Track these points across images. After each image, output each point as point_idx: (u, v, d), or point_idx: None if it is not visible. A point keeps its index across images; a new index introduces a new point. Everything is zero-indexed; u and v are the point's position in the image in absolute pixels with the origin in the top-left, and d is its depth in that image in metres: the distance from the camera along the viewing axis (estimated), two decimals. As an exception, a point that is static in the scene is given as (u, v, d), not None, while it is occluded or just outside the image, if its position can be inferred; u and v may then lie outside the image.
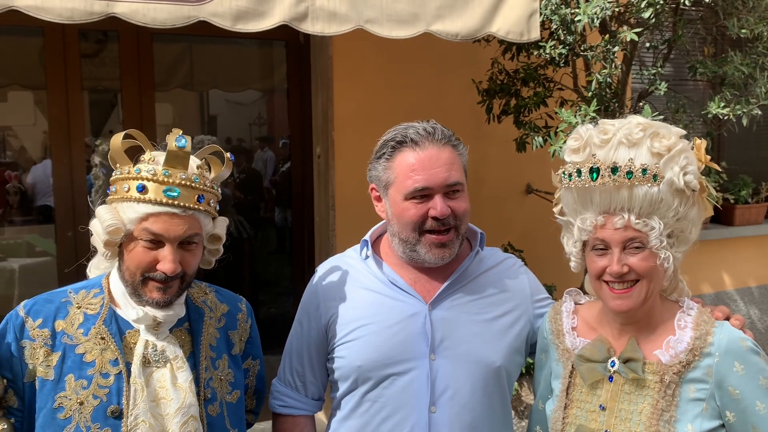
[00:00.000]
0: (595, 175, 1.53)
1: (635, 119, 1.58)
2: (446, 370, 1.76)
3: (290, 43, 4.52)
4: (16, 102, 4.62)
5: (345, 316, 1.84)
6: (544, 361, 1.82)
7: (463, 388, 1.77)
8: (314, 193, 4.47)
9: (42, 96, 4.19)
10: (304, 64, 4.45)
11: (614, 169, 1.52)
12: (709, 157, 1.58)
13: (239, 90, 5.54)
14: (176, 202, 1.52)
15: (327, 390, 1.98)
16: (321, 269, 1.97)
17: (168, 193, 1.51)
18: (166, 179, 1.52)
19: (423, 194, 1.72)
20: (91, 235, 1.61)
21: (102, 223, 1.53)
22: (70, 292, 1.63)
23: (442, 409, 1.75)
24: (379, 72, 4.24)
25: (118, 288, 1.62)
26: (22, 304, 1.60)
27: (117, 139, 1.56)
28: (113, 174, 1.59)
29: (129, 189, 1.53)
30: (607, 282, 1.57)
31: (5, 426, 1.52)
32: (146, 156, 1.57)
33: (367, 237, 1.92)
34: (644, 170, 1.50)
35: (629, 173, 1.50)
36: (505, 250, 4.12)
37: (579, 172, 1.56)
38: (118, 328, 1.59)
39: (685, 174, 1.51)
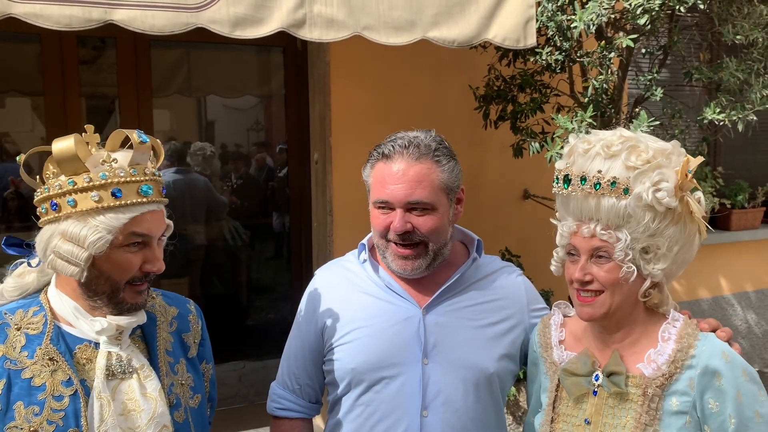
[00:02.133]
0: (567, 183, 1.57)
1: (621, 131, 1.59)
2: (438, 375, 1.77)
3: (288, 50, 4.53)
4: (14, 108, 4.62)
5: (341, 319, 1.85)
6: (535, 375, 1.82)
7: (456, 393, 1.77)
8: (312, 199, 4.48)
9: (40, 102, 4.19)
10: (301, 71, 4.46)
11: (583, 179, 1.54)
12: (689, 175, 1.54)
13: (237, 96, 5.55)
14: (152, 199, 1.46)
15: (324, 394, 1.99)
16: (319, 273, 1.99)
17: (145, 191, 1.44)
18: (137, 178, 1.44)
19: (386, 207, 1.76)
20: (44, 260, 1.47)
21: (83, 241, 1.39)
22: (6, 314, 1.49)
23: (434, 413, 1.76)
24: (377, 78, 4.25)
25: (64, 303, 1.50)
26: None
27: (68, 144, 1.40)
28: (54, 186, 1.42)
29: (101, 198, 1.40)
30: (576, 289, 1.60)
31: None
32: (104, 157, 1.43)
33: (364, 241, 1.93)
34: (613, 182, 1.51)
35: (597, 184, 1.52)
36: (502, 256, 4.16)
37: (557, 179, 1.61)
38: (67, 346, 1.47)
39: (656, 190, 1.50)
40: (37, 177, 1.51)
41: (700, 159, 1.59)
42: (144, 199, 1.44)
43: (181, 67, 5.03)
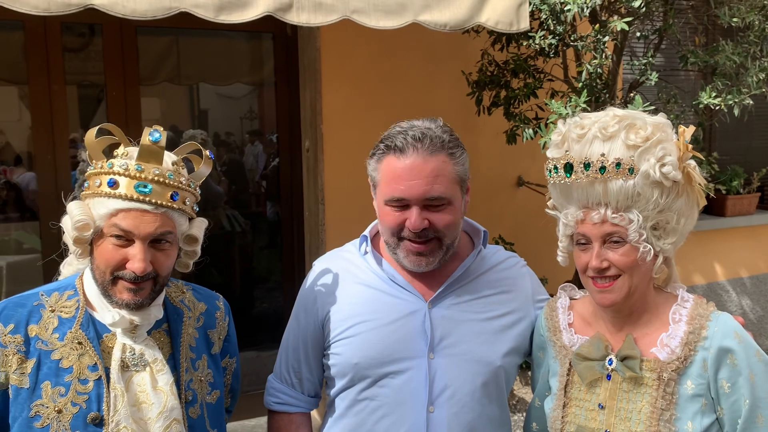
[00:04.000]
0: (569, 171, 1.52)
1: (613, 111, 1.55)
2: (445, 370, 1.73)
3: (277, 36, 4.47)
4: (0, 97, 4.55)
5: (342, 312, 1.80)
6: (542, 359, 1.79)
7: (462, 388, 1.73)
8: (303, 187, 4.43)
9: (27, 91, 4.13)
10: (291, 57, 4.40)
11: (587, 165, 1.50)
12: (690, 146, 1.54)
13: (227, 84, 5.48)
14: (148, 199, 1.46)
15: (323, 387, 1.94)
16: (318, 264, 1.92)
17: (140, 188, 1.45)
18: (138, 174, 1.45)
19: (401, 204, 1.68)
20: (63, 232, 1.54)
21: (71, 218, 1.47)
22: (42, 295, 1.56)
23: (440, 408, 1.72)
24: (368, 64, 4.20)
25: (92, 289, 1.56)
26: None
27: (91, 134, 1.51)
28: (88, 170, 1.54)
29: (101, 184, 1.47)
30: (591, 277, 1.56)
31: None
32: (120, 151, 1.51)
33: (366, 232, 1.87)
34: (618, 164, 1.48)
35: (602, 168, 1.48)
36: (496, 243, 4.12)
37: (556, 168, 1.56)
38: (96, 332, 1.53)
39: (662, 165, 1.48)
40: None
41: (693, 129, 1.57)
42: (137, 196, 1.45)
43: (170, 54, 4.96)
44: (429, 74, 4.37)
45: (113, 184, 1.45)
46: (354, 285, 1.82)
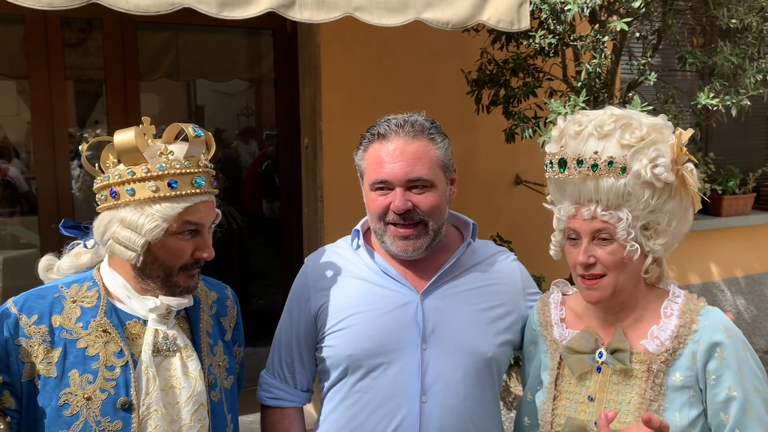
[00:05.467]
0: (562, 167, 1.56)
1: (611, 110, 1.58)
2: (437, 360, 1.76)
3: (277, 32, 4.47)
4: (-1, 92, 4.55)
5: (335, 305, 1.83)
6: (534, 353, 1.82)
7: (454, 379, 1.76)
8: (302, 185, 4.44)
9: (25, 86, 4.12)
10: (291, 54, 4.40)
11: (579, 162, 1.53)
12: (685, 148, 1.55)
13: (226, 80, 5.49)
14: (204, 189, 1.55)
15: (316, 381, 1.96)
16: (311, 259, 1.96)
17: (198, 182, 1.54)
18: (191, 170, 1.53)
19: (385, 186, 1.73)
20: (100, 243, 1.56)
21: (140, 228, 1.49)
22: (62, 287, 1.60)
23: (433, 399, 1.75)
24: (368, 62, 4.20)
25: (114, 281, 1.60)
26: (11, 301, 1.55)
27: (129, 137, 1.50)
28: (114, 175, 1.52)
29: (158, 189, 1.49)
30: (579, 274, 1.59)
31: (1, 426, 1.47)
32: (161, 149, 1.52)
33: (358, 227, 1.91)
34: (610, 162, 1.50)
35: (594, 166, 1.51)
36: (494, 242, 4.13)
37: (551, 163, 1.59)
38: (119, 320, 1.58)
39: (654, 167, 1.50)
40: (96, 165, 1.59)
41: (691, 131, 1.59)
42: (197, 190, 1.53)
43: (169, 50, 4.96)
44: (428, 72, 4.38)
45: (175, 185, 1.51)
46: (347, 279, 1.86)
